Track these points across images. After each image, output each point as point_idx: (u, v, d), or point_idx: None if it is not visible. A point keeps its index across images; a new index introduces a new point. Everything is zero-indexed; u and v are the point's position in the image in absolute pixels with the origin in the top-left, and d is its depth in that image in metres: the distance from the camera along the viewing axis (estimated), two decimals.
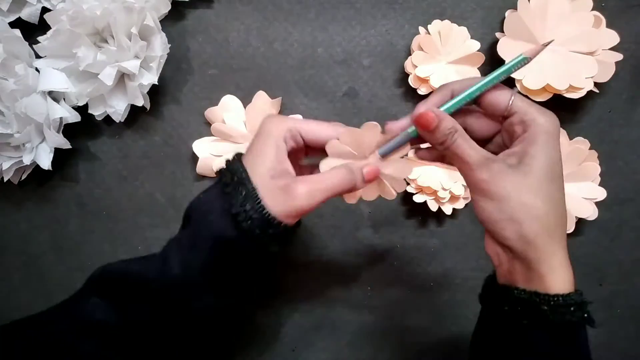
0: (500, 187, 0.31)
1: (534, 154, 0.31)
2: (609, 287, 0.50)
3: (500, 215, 0.31)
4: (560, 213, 0.31)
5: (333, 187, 0.34)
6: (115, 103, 0.46)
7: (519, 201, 0.30)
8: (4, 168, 0.45)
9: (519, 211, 0.30)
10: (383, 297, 0.50)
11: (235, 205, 0.32)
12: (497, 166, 0.31)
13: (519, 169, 0.31)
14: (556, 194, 0.31)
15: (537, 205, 0.30)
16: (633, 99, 0.49)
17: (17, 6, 0.46)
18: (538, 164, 0.31)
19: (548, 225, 0.30)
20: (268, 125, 0.34)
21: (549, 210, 0.30)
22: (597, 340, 0.50)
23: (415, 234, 0.50)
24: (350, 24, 0.49)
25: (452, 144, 0.32)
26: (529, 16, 0.45)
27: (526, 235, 0.30)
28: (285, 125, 0.34)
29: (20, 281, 0.50)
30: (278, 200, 0.32)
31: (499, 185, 0.31)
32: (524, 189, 0.30)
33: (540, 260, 0.30)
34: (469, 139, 0.32)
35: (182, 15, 0.49)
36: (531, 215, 0.30)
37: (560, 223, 0.31)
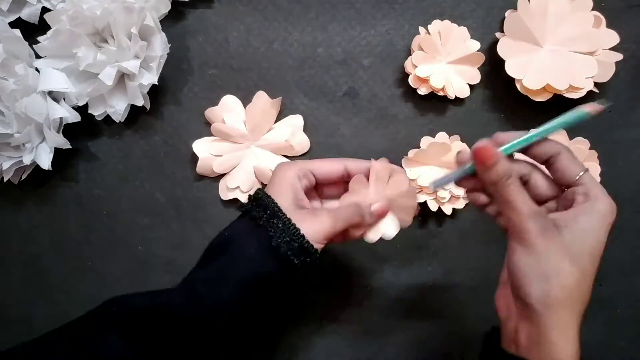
0: (544, 244, 0.31)
1: (586, 226, 0.31)
2: (609, 287, 0.50)
3: (533, 270, 0.31)
4: (587, 290, 0.31)
5: (348, 217, 0.37)
6: (115, 103, 0.46)
7: (556, 262, 0.30)
8: (4, 168, 0.45)
9: (552, 272, 0.30)
10: (383, 297, 0.50)
11: (274, 237, 0.34)
12: (547, 222, 0.31)
13: (567, 234, 0.31)
14: (590, 271, 0.31)
15: (571, 273, 0.30)
16: (633, 99, 0.49)
17: (17, 6, 0.46)
18: (586, 236, 0.31)
19: (574, 296, 0.30)
20: (280, 172, 0.37)
21: (580, 281, 0.30)
22: (597, 340, 0.50)
23: (415, 234, 0.50)
24: (350, 24, 0.49)
25: (507, 187, 0.32)
26: (529, 16, 0.45)
27: (550, 297, 0.30)
28: (296, 166, 0.37)
29: (20, 281, 0.50)
30: (309, 226, 0.35)
31: (543, 241, 0.31)
32: (565, 253, 0.30)
33: (555, 327, 0.30)
34: (522, 188, 0.32)
35: (182, 15, 0.49)
36: (562, 281, 0.30)
37: (583, 299, 0.31)
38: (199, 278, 0.35)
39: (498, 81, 0.48)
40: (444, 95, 0.47)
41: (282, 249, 0.34)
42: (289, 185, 0.37)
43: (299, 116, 0.49)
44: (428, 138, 0.48)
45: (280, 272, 0.35)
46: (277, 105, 0.48)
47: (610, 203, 0.32)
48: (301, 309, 0.50)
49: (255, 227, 0.35)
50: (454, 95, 0.48)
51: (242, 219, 0.37)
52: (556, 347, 0.30)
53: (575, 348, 0.30)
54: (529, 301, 0.31)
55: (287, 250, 0.34)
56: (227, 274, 0.34)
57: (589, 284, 0.31)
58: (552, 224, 0.31)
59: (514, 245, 0.33)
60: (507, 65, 0.45)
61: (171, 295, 0.35)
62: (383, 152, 0.49)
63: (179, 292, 0.35)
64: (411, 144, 0.49)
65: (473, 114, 0.49)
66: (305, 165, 0.38)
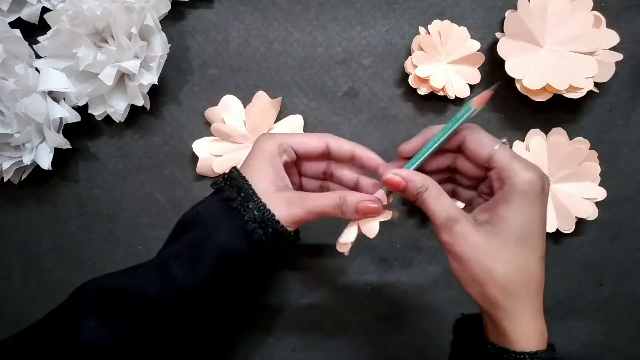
0: (461, 250, 0.31)
1: (504, 215, 0.31)
2: (609, 287, 0.50)
3: (464, 276, 0.32)
4: (527, 274, 0.31)
5: (325, 206, 0.35)
6: (115, 103, 0.46)
7: (479, 264, 0.31)
8: (4, 168, 0.45)
9: (479, 274, 0.31)
10: (383, 297, 0.50)
11: (249, 222, 0.34)
12: (460, 228, 0.31)
13: (485, 230, 0.31)
14: (522, 256, 0.31)
15: (496, 269, 0.30)
16: (633, 99, 0.49)
17: (17, 6, 0.46)
18: (505, 226, 0.31)
19: (509, 288, 0.30)
20: (260, 144, 0.36)
21: (510, 274, 0.30)
22: (597, 340, 0.50)
23: (415, 234, 0.50)
24: (350, 24, 0.49)
25: (424, 199, 0.33)
26: (529, 16, 0.45)
27: (488, 296, 0.31)
28: (275, 141, 0.36)
29: (20, 281, 0.50)
30: (284, 211, 0.34)
31: (460, 248, 0.31)
32: (484, 253, 0.31)
33: (504, 318, 0.31)
34: (439, 196, 0.33)
35: (182, 15, 0.49)
36: (491, 278, 0.30)
37: (525, 283, 0.31)
38: (172, 257, 0.35)
39: (498, 81, 0.48)
40: (444, 95, 0.47)
41: (255, 235, 0.34)
42: (269, 162, 0.35)
43: (298, 116, 0.49)
44: None
45: (253, 255, 0.34)
46: (277, 105, 0.48)
47: (526, 178, 0.31)
48: (301, 309, 0.50)
49: (229, 209, 0.34)
50: (454, 95, 0.48)
51: (215, 197, 0.36)
52: (511, 336, 0.31)
53: (533, 331, 0.31)
54: (475, 302, 0.32)
55: (261, 235, 0.34)
56: (201, 255, 0.34)
57: (531, 266, 0.31)
58: (469, 225, 0.31)
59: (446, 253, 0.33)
60: (507, 65, 0.45)
61: (146, 276, 0.35)
62: (383, 152, 0.49)
63: (154, 272, 0.35)
64: None
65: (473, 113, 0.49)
66: (287, 139, 0.36)
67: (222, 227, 0.34)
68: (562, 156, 0.47)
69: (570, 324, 0.50)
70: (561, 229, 0.48)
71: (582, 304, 0.50)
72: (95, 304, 0.34)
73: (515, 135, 0.49)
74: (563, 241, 0.50)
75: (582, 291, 0.50)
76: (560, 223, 0.48)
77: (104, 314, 0.34)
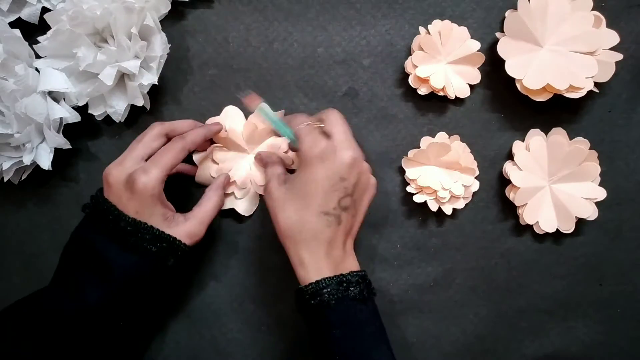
0: (267, 203, 0.41)
1: (294, 177, 0.40)
2: (609, 287, 0.50)
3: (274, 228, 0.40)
4: (301, 223, 0.38)
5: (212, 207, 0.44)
6: (115, 103, 0.46)
7: (274, 214, 0.40)
8: (4, 168, 0.45)
9: (274, 223, 0.40)
10: (383, 297, 0.50)
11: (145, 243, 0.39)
12: (270, 185, 0.41)
13: (284, 187, 0.40)
14: (299, 209, 0.39)
15: (280, 217, 0.39)
16: (633, 99, 0.49)
17: (17, 6, 0.46)
18: (292, 185, 0.40)
19: (287, 234, 0.39)
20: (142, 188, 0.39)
21: (288, 222, 0.39)
22: (597, 340, 0.51)
23: (415, 234, 0.50)
24: (350, 24, 0.49)
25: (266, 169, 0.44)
26: (529, 16, 0.45)
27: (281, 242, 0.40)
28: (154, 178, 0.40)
29: (20, 281, 0.50)
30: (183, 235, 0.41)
31: (267, 201, 0.41)
32: (277, 205, 0.40)
33: (292, 261, 0.39)
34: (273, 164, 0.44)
35: (182, 15, 0.49)
36: (278, 226, 0.39)
37: (298, 231, 0.38)
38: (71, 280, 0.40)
39: (498, 81, 0.48)
40: (444, 95, 0.47)
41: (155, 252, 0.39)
42: (155, 202, 0.40)
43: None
44: (428, 138, 0.48)
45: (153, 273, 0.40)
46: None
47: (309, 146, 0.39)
48: None
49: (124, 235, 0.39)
50: (454, 95, 0.48)
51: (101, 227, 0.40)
52: (299, 276, 0.39)
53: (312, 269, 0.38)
54: None
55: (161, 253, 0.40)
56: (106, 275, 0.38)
57: (308, 217, 0.38)
58: (277, 183, 0.41)
59: None
60: (507, 65, 0.45)
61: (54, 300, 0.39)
62: (383, 152, 0.50)
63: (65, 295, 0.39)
64: (411, 144, 0.49)
65: (473, 114, 0.49)
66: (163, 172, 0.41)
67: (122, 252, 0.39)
68: (562, 156, 0.47)
69: (570, 324, 0.50)
70: (561, 229, 0.48)
71: (582, 304, 0.50)
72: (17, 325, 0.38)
73: (516, 135, 0.49)
74: (563, 241, 0.50)
75: (582, 291, 0.50)
76: (560, 223, 0.48)
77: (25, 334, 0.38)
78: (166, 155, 0.41)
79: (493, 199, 0.50)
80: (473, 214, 0.50)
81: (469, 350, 0.50)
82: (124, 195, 0.39)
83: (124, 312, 0.40)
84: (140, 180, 0.39)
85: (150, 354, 0.49)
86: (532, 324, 0.50)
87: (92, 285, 0.38)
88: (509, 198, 0.48)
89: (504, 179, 0.49)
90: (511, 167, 0.48)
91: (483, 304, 0.50)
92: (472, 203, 0.49)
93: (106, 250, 0.39)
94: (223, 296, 0.50)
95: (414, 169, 0.48)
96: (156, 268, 0.40)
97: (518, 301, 0.50)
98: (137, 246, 0.39)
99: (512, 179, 0.47)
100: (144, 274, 0.39)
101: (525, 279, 0.50)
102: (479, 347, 0.50)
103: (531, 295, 0.50)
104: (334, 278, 0.38)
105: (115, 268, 0.38)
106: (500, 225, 0.50)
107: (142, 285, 0.40)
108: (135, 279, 0.39)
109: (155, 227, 0.39)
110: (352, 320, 0.38)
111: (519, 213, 0.48)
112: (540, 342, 0.50)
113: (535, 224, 0.48)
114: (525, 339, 0.50)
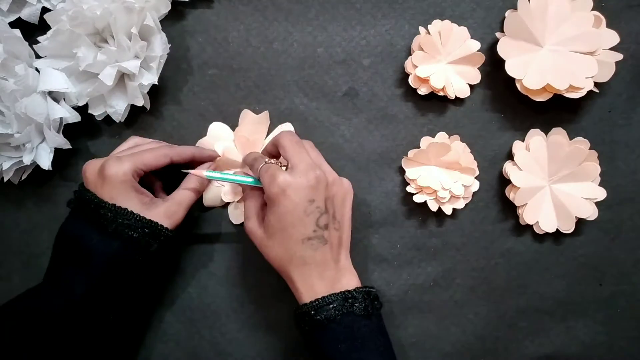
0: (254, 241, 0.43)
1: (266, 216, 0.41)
2: (609, 287, 0.50)
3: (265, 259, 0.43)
4: (288, 253, 0.40)
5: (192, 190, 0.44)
6: (115, 103, 0.46)
7: (264, 250, 0.42)
8: (4, 168, 0.45)
9: (266, 256, 0.42)
10: (383, 297, 0.50)
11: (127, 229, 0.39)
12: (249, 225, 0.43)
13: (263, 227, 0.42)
14: (282, 241, 0.40)
15: (269, 253, 0.41)
16: (633, 99, 0.49)
17: (17, 6, 0.46)
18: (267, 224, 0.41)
19: (279, 264, 0.41)
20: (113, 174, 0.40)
21: (277, 255, 0.41)
22: (597, 340, 0.51)
23: (415, 234, 0.50)
24: (350, 24, 0.49)
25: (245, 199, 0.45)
26: (529, 16, 0.45)
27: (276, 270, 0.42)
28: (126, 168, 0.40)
29: (20, 281, 0.50)
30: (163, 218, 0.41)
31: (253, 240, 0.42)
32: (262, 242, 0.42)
33: (289, 284, 0.42)
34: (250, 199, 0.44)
35: (182, 15, 0.49)
36: (269, 259, 0.42)
37: (288, 260, 0.40)
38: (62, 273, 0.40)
39: (498, 81, 0.48)
40: (444, 95, 0.48)
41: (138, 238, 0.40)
42: (129, 188, 0.40)
43: (287, 124, 0.49)
44: (428, 138, 0.48)
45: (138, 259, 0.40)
46: (265, 118, 0.48)
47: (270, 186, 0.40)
48: None
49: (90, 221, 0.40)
50: (454, 95, 0.48)
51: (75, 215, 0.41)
52: (296, 296, 0.42)
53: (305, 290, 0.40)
54: None
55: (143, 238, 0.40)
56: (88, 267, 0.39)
57: (292, 246, 0.40)
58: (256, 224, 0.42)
59: None
60: (507, 65, 0.45)
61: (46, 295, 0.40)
62: (383, 152, 0.50)
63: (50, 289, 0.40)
64: (411, 144, 0.49)
65: (473, 114, 0.49)
66: (136, 166, 0.41)
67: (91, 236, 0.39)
68: (562, 156, 0.47)
69: (570, 324, 0.50)
70: (561, 229, 0.48)
71: (582, 304, 0.50)
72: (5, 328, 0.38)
73: (516, 135, 0.49)
74: (563, 241, 0.50)
75: (582, 291, 0.50)
76: (560, 223, 0.48)
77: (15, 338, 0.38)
78: (146, 152, 0.42)
79: (493, 199, 0.50)
80: (473, 214, 0.50)
81: (469, 350, 0.50)
82: (98, 182, 0.40)
83: (112, 303, 0.40)
84: (111, 167, 0.40)
85: (149, 354, 0.49)
86: (532, 324, 0.50)
87: (78, 277, 0.39)
88: (509, 198, 0.48)
89: (504, 179, 0.49)
90: (511, 167, 0.48)
91: (483, 304, 0.50)
92: (472, 203, 0.49)
93: (88, 238, 0.39)
94: (223, 296, 0.50)
95: (414, 169, 0.48)
96: (139, 254, 0.40)
97: (518, 301, 0.50)
98: (118, 232, 0.39)
99: (512, 179, 0.47)
100: (127, 260, 0.40)
101: (525, 279, 0.50)
102: (479, 347, 0.50)
103: (531, 295, 0.50)
104: (340, 294, 0.40)
105: (98, 255, 0.39)
106: (500, 225, 0.50)
107: (126, 273, 0.40)
108: (119, 265, 0.39)
109: (135, 212, 0.40)
110: (357, 335, 0.39)
111: (519, 213, 0.48)
112: (540, 342, 0.50)
113: (535, 224, 0.48)
114: (525, 339, 0.50)
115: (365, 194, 0.50)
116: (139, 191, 0.42)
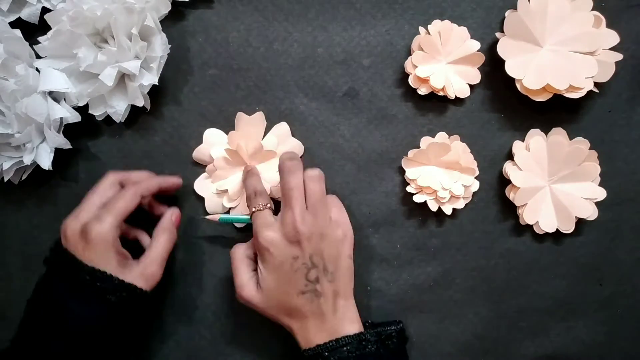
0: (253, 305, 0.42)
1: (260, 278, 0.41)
2: (609, 287, 0.50)
3: None
4: (288, 307, 0.41)
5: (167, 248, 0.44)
6: (115, 103, 0.46)
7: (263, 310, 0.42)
8: (4, 168, 0.45)
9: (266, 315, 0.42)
10: (383, 297, 0.50)
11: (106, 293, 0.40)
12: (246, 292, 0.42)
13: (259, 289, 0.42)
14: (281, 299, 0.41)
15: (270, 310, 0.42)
16: (633, 99, 0.49)
17: (17, 6, 0.46)
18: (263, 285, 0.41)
19: (281, 317, 0.42)
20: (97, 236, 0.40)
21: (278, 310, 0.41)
22: (597, 340, 0.51)
23: (415, 234, 0.50)
24: (350, 24, 0.49)
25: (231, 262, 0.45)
26: (529, 16, 0.45)
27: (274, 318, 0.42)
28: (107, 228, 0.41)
29: (20, 281, 0.50)
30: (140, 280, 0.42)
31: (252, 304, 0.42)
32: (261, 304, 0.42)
33: (292, 332, 0.42)
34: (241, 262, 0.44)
35: (182, 15, 0.49)
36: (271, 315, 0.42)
37: (290, 312, 0.41)
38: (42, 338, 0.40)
39: (498, 81, 0.48)
40: (444, 95, 0.48)
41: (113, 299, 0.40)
42: (109, 249, 0.41)
43: (283, 123, 0.49)
44: (428, 138, 0.48)
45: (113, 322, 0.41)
46: (260, 119, 0.48)
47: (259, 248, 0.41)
48: None
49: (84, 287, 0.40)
50: (454, 95, 0.48)
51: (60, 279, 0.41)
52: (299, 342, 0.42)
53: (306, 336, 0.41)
54: None
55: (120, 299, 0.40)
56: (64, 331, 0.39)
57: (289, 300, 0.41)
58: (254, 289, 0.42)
59: None
60: (507, 65, 0.45)
61: None
62: (383, 152, 0.50)
63: None
64: (411, 144, 0.49)
65: (473, 114, 0.49)
66: (116, 218, 0.41)
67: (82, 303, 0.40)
68: (562, 156, 0.47)
69: (570, 324, 0.50)
70: (561, 229, 0.48)
71: (582, 304, 0.50)
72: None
73: (515, 135, 0.49)
74: (563, 241, 0.50)
75: (582, 291, 0.50)
76: (560, 223, 0.48)
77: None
78: (119, 201, 0.42)
79: (493, 199, 0.50)
80: (473, 214, 0.50)
81: (469, 350, 0.50)
82: (79, 245, 0.41)
83: None
84: (94, 229, 0.40)
85: (149, 354, 0.49)
86: (532, 324, 0.50)
87: (55, 339, 0.39)
88: (509, 198, 0.48)
89: (504, 179, 0.49)
90: (511, 167, 0.48)
91: (483, 304, 0.50)
92: (472, 203, 0.49)
93: (66, 302, 0.40)
94: (223, 296, 0.50)
95: (414, 169, 0.48)
96: (117, 317, 0.41)
97: (518, 301, 0.50)
98: (97, 297, 0.40)
99: (512, 179, 0.47)
100: (107, 324, 0.40)
101: (525, 279, 0.50)
102: (479, 347, 0.50)
103: (531, 295, 0.50)
104: (355, 336, 0.40)
105: (75, 320, 0.39)
106: (500, 225, 0.50)
107: (105, 335, 0.41)
108: (97, 330, 0.40)
109: (114, 275, 0.40)
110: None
111: (519, 213, 0.48)
112: (540, 342, 0.50)
113: (535, 224, 0.48)
114: (525, 339, 0.50)
115: (365, 194, 0.50)
116: (119, 252, 0.42)
